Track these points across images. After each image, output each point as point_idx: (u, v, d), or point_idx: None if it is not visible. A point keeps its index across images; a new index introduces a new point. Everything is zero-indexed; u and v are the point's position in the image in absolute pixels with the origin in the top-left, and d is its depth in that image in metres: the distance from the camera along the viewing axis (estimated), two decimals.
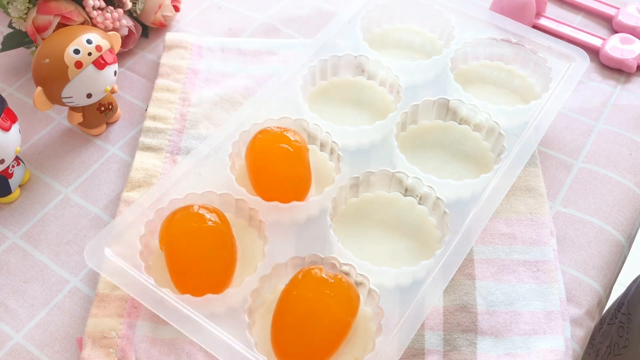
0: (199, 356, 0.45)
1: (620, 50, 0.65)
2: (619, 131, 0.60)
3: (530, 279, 0.49)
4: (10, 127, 0.50)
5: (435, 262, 0.47)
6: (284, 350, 0.43)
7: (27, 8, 0.60)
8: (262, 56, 0.65)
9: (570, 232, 0.53)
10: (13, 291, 0.50)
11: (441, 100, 0.56)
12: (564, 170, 0.57)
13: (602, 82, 0.64)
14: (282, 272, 0.47)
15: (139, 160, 0.56)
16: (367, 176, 0.52)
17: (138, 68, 0.65)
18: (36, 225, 0.53)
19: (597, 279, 0.51)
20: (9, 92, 0.63)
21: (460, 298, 0.48)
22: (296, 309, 0.43)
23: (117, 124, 0.61)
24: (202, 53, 0.64)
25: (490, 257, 0.51)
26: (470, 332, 0.47)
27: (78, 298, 0.49)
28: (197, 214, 0.47)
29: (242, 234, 0.50)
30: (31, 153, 0.58)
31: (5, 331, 0.48)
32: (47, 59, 0.52)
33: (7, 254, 0.52)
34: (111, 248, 0.47)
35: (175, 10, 0.67)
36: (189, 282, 0.45)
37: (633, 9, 0.69)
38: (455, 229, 0.48)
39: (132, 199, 0.53)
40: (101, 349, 0.45)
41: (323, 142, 0.54)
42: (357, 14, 0.63)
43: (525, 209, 0.53)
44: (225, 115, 0.59)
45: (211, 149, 0.53)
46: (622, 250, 0.54)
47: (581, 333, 0.48)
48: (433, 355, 0.46)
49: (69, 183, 0.56)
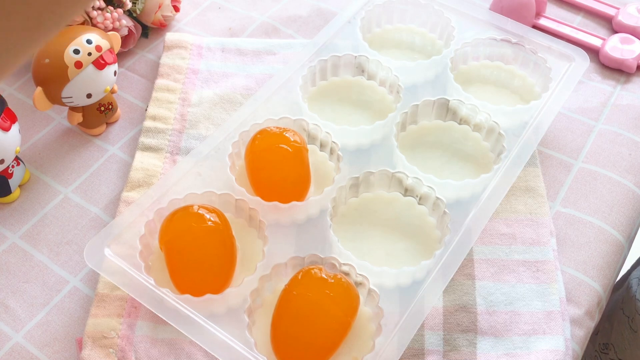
0: (198, 356, 0.45)
1: (620, 50, 0.65)
2: (619, 131, 0.60)
3: (530, 279, 0.49)
4: (10, 127, 0.50)
5: (435, 262, 0.47)
6: (284, 350, 0.43)
7: None
8: (262, 56, 0.65)
9: (570, 232, 0.53)
10: (13, 291, 0.50)
11: (441, 100, 0.56)
12: (564, 170, 0.57)
13: (602, 82, 0.64)
14: (281, 272, 0.47)
15: (139, 160, 0.56)
16: (367, 176, 0.52)
17: (138, 68, 0.65)
18: (36, 225, 0.53)
19: (597, 279, 0.51)
20: (9, 92, 0.63)
21: (460, 298, 0.48)
22: (296, 309, 0.43)
23: (117, 124, 0.61)
24: (202, 53, 0.64)
25: (490, 257, 0.51)
26: (470, 332, 0.47)
27: (78, 298, 0.49)
28: (197, 214, 0.47)
29: (242, 234, 0.50)
30: (31, 153, 0.58)
31: (5, 331, 0.48)
32: (47, 59, 0.52)
33: (7, 254, 0.52)
34: (111, 248, 0.47)
35: (175, 10, 0.67)
36: (188, 282, 0.45)
37: (633, 9, 0.69)
38: (455, 229, 0.48)
39: (132, 199, 0.53)
40: (101, 349, 0.45)
41: (323, 142, 0.54)
42: (357, 14, 0.63)
43: (525, 209, 0.53)
44: (225, 115, 0.59)
45: (211, 149, 0.53)
46: (622, 250, 0.54)
47: (581, 333, 0.48)
48: (433, 355, 0.46)
49: (68, 183, 0.56)
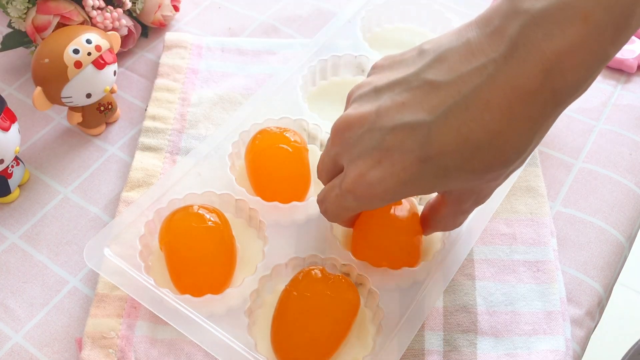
0: (198, 356, 0.45)
1: (621, 50, 0.65)
2: (620, 131, 0.60)
3: (531, 279, 0.49)
4: (9, 127, 0.50)
5: (435, 263, 0.47)
6: (284, 351, 0.43)
7: (26, 8, 0.60)
8: (262, 56, 0.65)
9: (571, 232, 0.53)
10: (12, 291, 0.50)
11: None
12: (564, 170, 0.57)
13: (602, 81, 0.64)
14: (282, 273, 0.47)
15: (139, 160, 0.56)
16: None
17: (137, 68, 0.65)
18: (36, 225, 0.53)
19: (597, 279, 0.51)
20: (9, 92, 0.63)
21: (461, 298, 0.48)
22: (296, 310, 0.43)
23: (117, 124, 0.60)
24: (202, 53, 0.64)
25: (490, 258, 0.51)
26: (470, 332, 0.47)
27: (77, 298, 0.49)
28: (197, 214, 0.47)
29: (242, 234, 0.50)
30: (31, 153, 0.58)
31: (4, 331, 0.47)
32: (47, 58, 0.52)
33: (7, 254, 0.52)
34: (111, 248, 0.47)
35: (175, 9, 0.67)
36: (188, 283, 0.45)
37: None
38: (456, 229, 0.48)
39: (132, 199, 0.53)
40: (100, 349, 0.45)
41: (323, 142, 0.54)
42: (357, 14, 0.63)
43: (525, 209, 0.53)
44: (225, 115, 0.59)
45: (211, 149, 0.53)
46: (623, 251, 0.54)
47: (581, 333, 0.48)
48: (433, 355, 0.46)
49: (68, 183, 0.56)
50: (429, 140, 0.35)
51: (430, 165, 0.36)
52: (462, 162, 0.35)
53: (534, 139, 0.35)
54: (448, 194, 0.41)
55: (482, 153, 0.35)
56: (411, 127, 0.36)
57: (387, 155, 0.37)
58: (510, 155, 0.35)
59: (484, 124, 0.34)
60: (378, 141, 0.37)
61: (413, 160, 0.36)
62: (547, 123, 0.35)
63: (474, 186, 0.39)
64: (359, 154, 0.38)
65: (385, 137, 0.37)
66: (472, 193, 0.40)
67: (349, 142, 0.39)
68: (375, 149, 0.37)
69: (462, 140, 0.35)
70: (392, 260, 0.46)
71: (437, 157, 0.36)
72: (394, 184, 0.37)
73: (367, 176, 0.38)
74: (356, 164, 0.39)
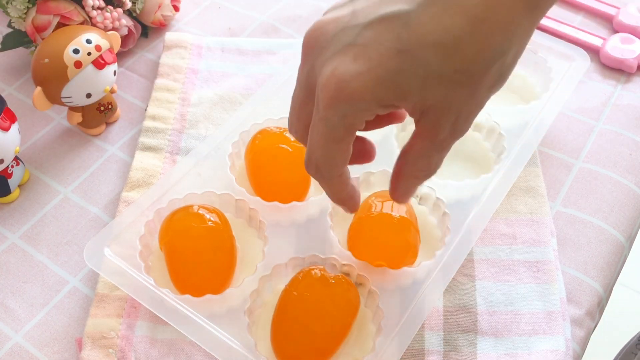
0: (198, 357, 0.45)
1: (621, 50, 0.65)
2: (620, 131, 0.60)
3: (531, 279, 0.49)
4: (9, 127, 0.50)
5: (435, 263, 0.47)
6: (284, 351, 0.43)
7: (26, 8, 0.60)
8: (262, 56, 0.65)
9: (571, 232, 0.53)
10: (12, 291, 0.50)
11: None
12: (564, 170, 0.57)
13: (602, 82, 0.64)
14: (282, 273, 0.47)
15: (139, 160, 0.56)
16: (367, 176, 0.52)
17: (137, 68, 0.65)
18: (35, 225, 0.53)
19: (597, 279, 0.51)
20: (9, 92, 0.63)
21: (461, 298, 0.48)
22: (296, 310, 0.43)
23: (117, 123, 0.60)
24: (202, 53, 0.64)
25: (490, 258, 0.50)
26: (470, 332, 0.47)
27: (77, 298, 0.49)
28: (197, 214, 0.47)
29: (242, 234, 0.50)
30: (31, 153, 0.58)
31: (4, 331, 0.47)
32: (47, 58, 0.52)
33: (7, 254, 0.52)
34: (111, 248, 0.47)
35: (175, 9, 0.67)
36: (188, 283, 0.45)
37: (633, 9, 0.69)
38: (456, 229, 0.48)
39: (132, 199, 0.53)
40: (100, 349, 0.45)
41: None
42: None
43: (525, 209, 0.53)
44: (225, 115, 0.59)
45: (211, 149, 0.53)
46: (623, 251, 0.54)
47: (581, 333, 0.48)
48: (433, 355, 0.46)
49: (68, 183, 0.56)
50: (408, 30, 0.33)
51: (410, 59, 0.33)
52: (443, 57, 0.33)
53: (513, 39, 0.33)
54: (424, 120, 0.36)
55: (464, 46, 0.32)
56: (389, 19, 0.33)
57: (364, 50, 0.34)
58: (490, 51, 0.33)
59: (466, 10, 0.32)
60: (353, 37, 0.34)
61: (391, 54, 0.33)
62: (527, 21, 0.33)
63: (452, 102, 0.35)
64: (332, 54, 0.35)
65: (361, 32, 0.34)
66: (449, 114, 0.36)
67: (322, 47, 0.35)
68: (350, 45, 0.34)
69: (442, 30, 0.32)
70: (389, 258, 0.46)
71: (416, 50, 0.33)
72: (371, 81, 0.33)
73: (342, 73, 0.34)
74: (330, 63, 0.35)
